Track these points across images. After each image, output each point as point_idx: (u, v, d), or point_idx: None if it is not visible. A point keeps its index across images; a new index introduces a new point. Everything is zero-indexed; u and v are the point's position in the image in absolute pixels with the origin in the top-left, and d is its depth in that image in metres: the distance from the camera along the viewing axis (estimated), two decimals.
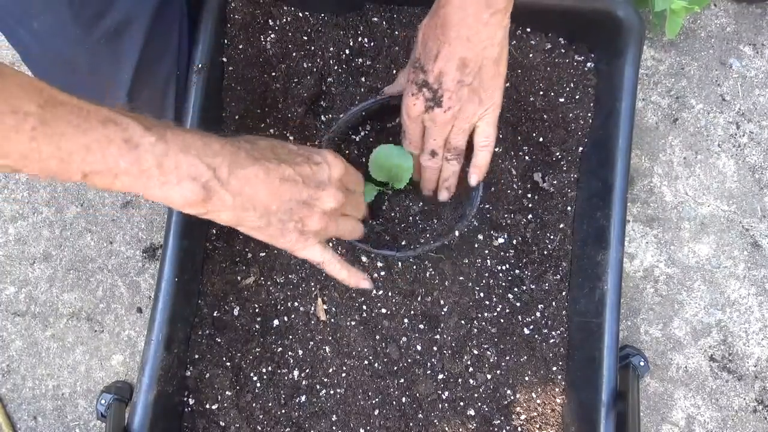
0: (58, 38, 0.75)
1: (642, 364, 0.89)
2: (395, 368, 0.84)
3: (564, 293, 0.86)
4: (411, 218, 0.86)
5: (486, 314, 0.86)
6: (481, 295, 0.86)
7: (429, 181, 0.80)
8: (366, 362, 0.84)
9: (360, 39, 0.90)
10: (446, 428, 0.83)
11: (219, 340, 0.85)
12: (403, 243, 0.85)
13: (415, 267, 0.86)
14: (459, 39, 0.65)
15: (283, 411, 0.84)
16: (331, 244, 0.86)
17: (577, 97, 0.89)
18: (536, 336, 0.86)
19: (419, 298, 0.86)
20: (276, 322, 0.86)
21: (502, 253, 0.87)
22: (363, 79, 0.89)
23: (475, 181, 0.77)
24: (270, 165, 0.58)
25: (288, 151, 0.63)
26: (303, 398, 0.84)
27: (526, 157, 0.89)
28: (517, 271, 0.87)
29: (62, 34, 0.74)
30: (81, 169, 0.49)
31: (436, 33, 0.66)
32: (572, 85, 0.89)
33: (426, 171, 0.79)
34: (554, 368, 0.85)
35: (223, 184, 0.54)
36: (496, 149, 0.88)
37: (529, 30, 0.90)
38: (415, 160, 0.79)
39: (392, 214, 0.87)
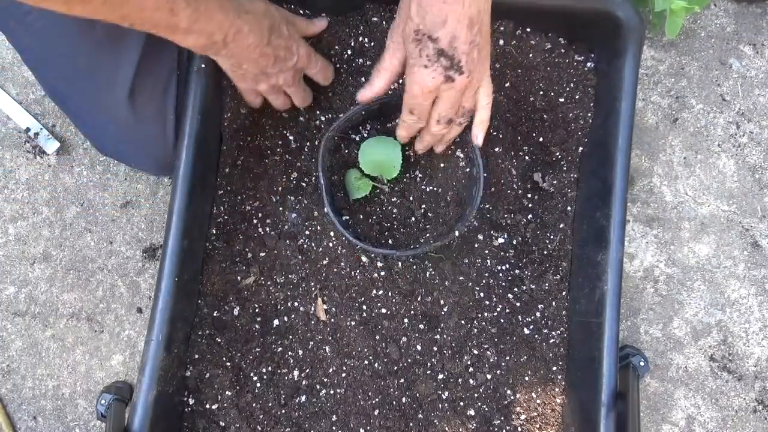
0: (58, 38, 0.75)
1: (642, 364, 0.89)
2: (395, 368, 0.84)
3: (564, 293, 0.86)
4: (412, 218, 0.86)
5: (486, 314, 0.86)
6: (481, 295, 0.86)
7: (429, 143, 0.81)
8: (366, 362, 0.84)
9: (360, 39, 0.90)
10: (446, 428, 0.83)
11: (219, 340, 0.85)
12: (404, 242, 0.85)
13: (415, 267, 0.86)
14: None
15: (283, 411, 0.84)
16: (337, 239, 0.86)
17: (577, 97, 0.89)
18: (536, 336, 0.86)
19: (419, 298, 0.86)
20: (276, 322, 0.86)
21: (502, 253, 0.87)
22: (363, 79, 0.89)
23: (481, 139, 0.78)
24: (259, 43, 0.73)
25: (278, 35, 0.75)
26: (303, 398, 0.84)
27: (526, 157, 0.89)
28: (517, 271, 0.87)
29: (63, 33, 0.74)
30: (136, 17, 0.63)
31: None
32: (572, 85, 0.89)
33: (433, 138, 0.79)
34: (554, 368, 0.85)
35: (225, 46, 0.71)
36: (496, 149, 0.88)
37: (529, 30, 0.90)
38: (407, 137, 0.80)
39: (393, 214, 0.87)
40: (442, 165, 0.86)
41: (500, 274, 0.87)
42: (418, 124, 0.76)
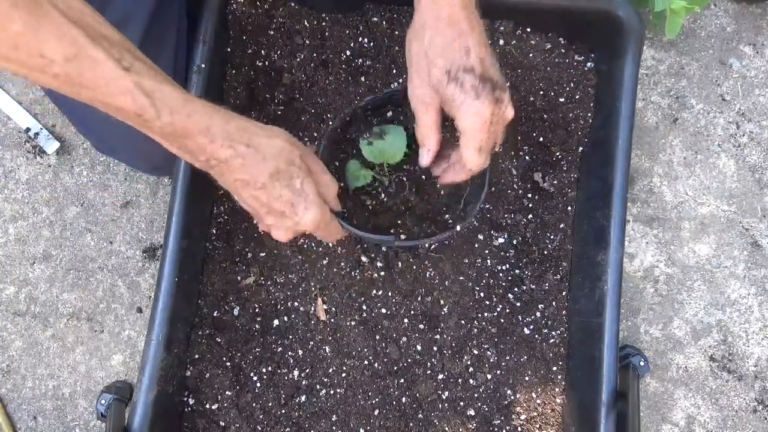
0: None
1: (642, 364, 0.89)
2: (395, 368, 0.84)
3: (564, 293, 0.86)
4: (410, 213, 0.83)
5: (486, 314, 0.86)
6: (481, 295, 0.86)
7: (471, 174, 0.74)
8: (366, 362, 0.84)
9: (360, 39, 0.90)
10: (446, 428, 0.83)
11: (219, 340, 0.85)
12: (401, 234, 0.80)
13: (415, 267, 0.86)
14: (477, 20, 0.66)
15: (283, 411, 0.84)
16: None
17: (577, 97, 0.89)
18: (536, 336, 0.86)
19: (419, 298, 0.86)
20: (276, 322, 0.86)
21: (502, 253, 0.87)
22: (363, 79, 0.89)
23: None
24: (251, 184, 0.64)
25: (285, 184, 0.65)
26: (303, 398, 0.84)
27: (526, 157, 0.89)
28: (517, 271, 0.87)
29: None
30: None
31: (453, 31, 0.64)
32: (572, 85, 0.89)
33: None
34: (554, 368, 0.85)
35: (210, 168, 0.64)
36: (496, 149, 0.88)
37: (529, 30, 0.90)
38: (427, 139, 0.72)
39: (391, 209, 0.84)
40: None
41: (500, 274, 0.87)
42: (486, 162, 0.70)
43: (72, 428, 0.96)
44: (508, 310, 0.86)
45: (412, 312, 0.85)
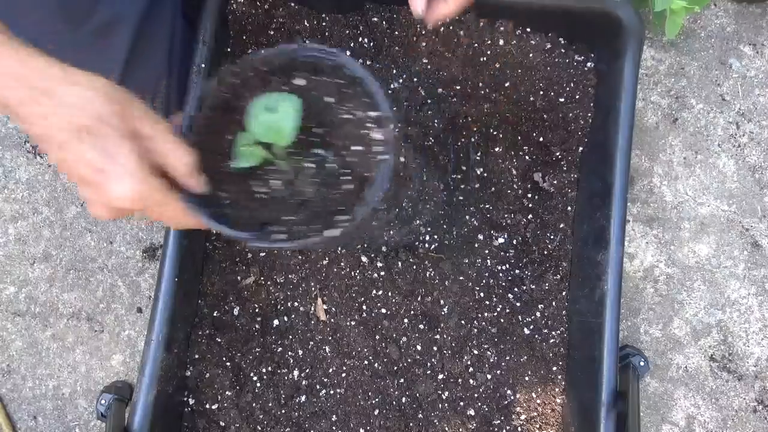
0: (45, 36, 0.74)
1: (642, 364, 0.89)
2: (395, 368, 0.85)
3: (564, 293, 0.86)
4: (303, 206, 0.65)
5: (486, 314, 0.86)
6: (481, 295, 0.86)
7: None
8: (366, 362, 0.84)
9: (360, 39, 0.90)
10: (446, 428, 0.83)
11: (219, 340, 0.85)
12: (283, 232, 0.63)
13: (415, 267, 0.86)
14: None
15: (283, 411, 0.84)
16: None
17: (577, 97, 0.89)
18: (536, 336, 0.86)
19: (419, 298, 0.86)
20: (276, 322, 0.86)
21: (502, 253, 0.87)
22: None
23: None
24: (48, 140, 0.52)
25: (93, 145, 0.52)
26: (303, 398, 0.84)
27: (526, 157, 0.89)
28: (517, 271, 0.87)
29: (49, 32, 0.73)
30: None
31: None
32: (572, 85, 0.89)
33: None
34: (554, 368, 0.85)
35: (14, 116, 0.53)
36: (496, 149, 0.88)
37: (529, 30, 0.90)
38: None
39: (282, 199, 0.65)
40: (354, 148, 0.63)
41: (500, 274, 0.87)
42: None
43: (72, 428, 0.96)
44: (508, 310, 0.86)
45: (412, 312, 0.85)
